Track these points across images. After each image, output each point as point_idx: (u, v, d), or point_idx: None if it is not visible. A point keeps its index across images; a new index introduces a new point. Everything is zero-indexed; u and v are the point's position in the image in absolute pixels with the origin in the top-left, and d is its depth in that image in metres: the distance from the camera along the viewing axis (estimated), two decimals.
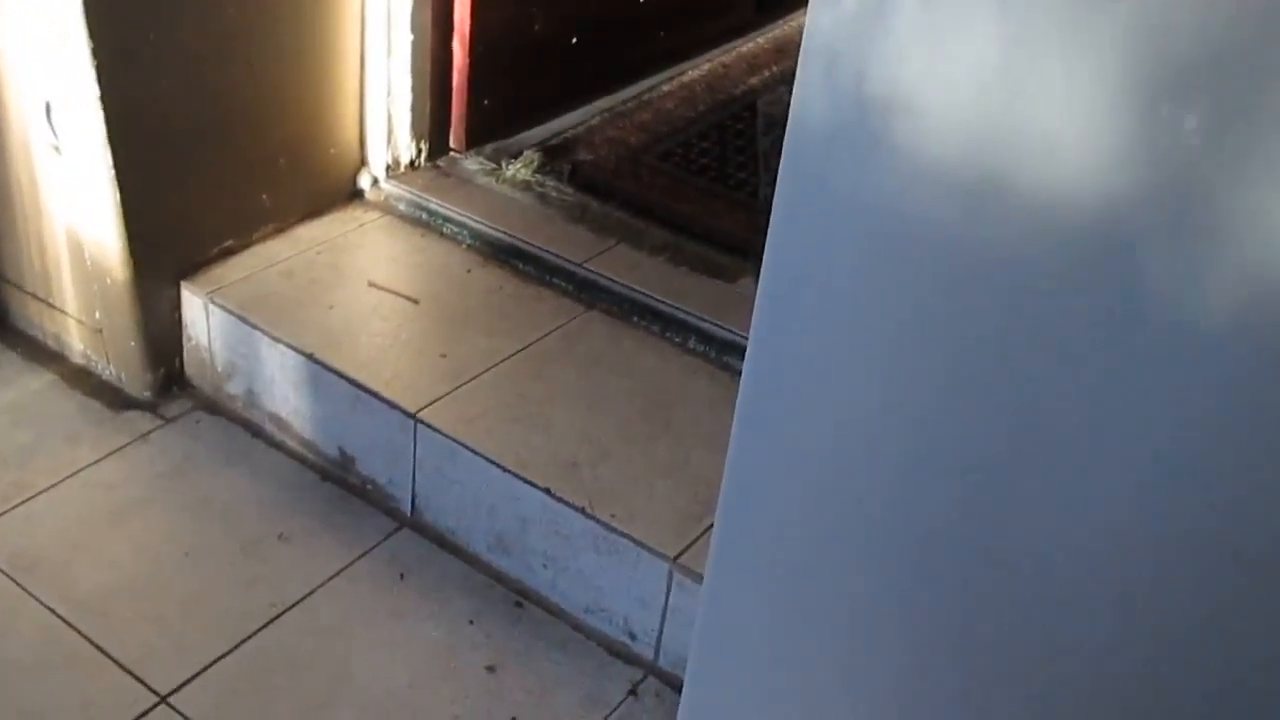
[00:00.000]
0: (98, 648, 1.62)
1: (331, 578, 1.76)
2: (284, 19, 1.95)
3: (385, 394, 1.81)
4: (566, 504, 1.66)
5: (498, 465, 1.71)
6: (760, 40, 2.95)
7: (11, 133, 1.93)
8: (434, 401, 1.80)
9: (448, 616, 1.72)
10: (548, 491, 1.67)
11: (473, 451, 1.73)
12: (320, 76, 2.06)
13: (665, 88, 2.67)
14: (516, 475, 1.70)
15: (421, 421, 1.77)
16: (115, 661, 1.61)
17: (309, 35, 2.00)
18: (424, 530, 1.85)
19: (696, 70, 2.77)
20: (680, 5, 2.76)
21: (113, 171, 1.81)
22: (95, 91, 1.75)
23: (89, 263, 1.94)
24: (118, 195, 1.83)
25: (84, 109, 1.78)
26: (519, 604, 1.75)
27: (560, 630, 1.72)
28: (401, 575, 1.77)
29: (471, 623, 1.72)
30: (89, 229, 1.90)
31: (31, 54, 1.81)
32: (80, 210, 1.89)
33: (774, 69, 2.80)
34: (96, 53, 1.72)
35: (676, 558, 1.59)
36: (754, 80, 2.76)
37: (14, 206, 2.01)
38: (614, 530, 1.63)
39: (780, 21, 3.03)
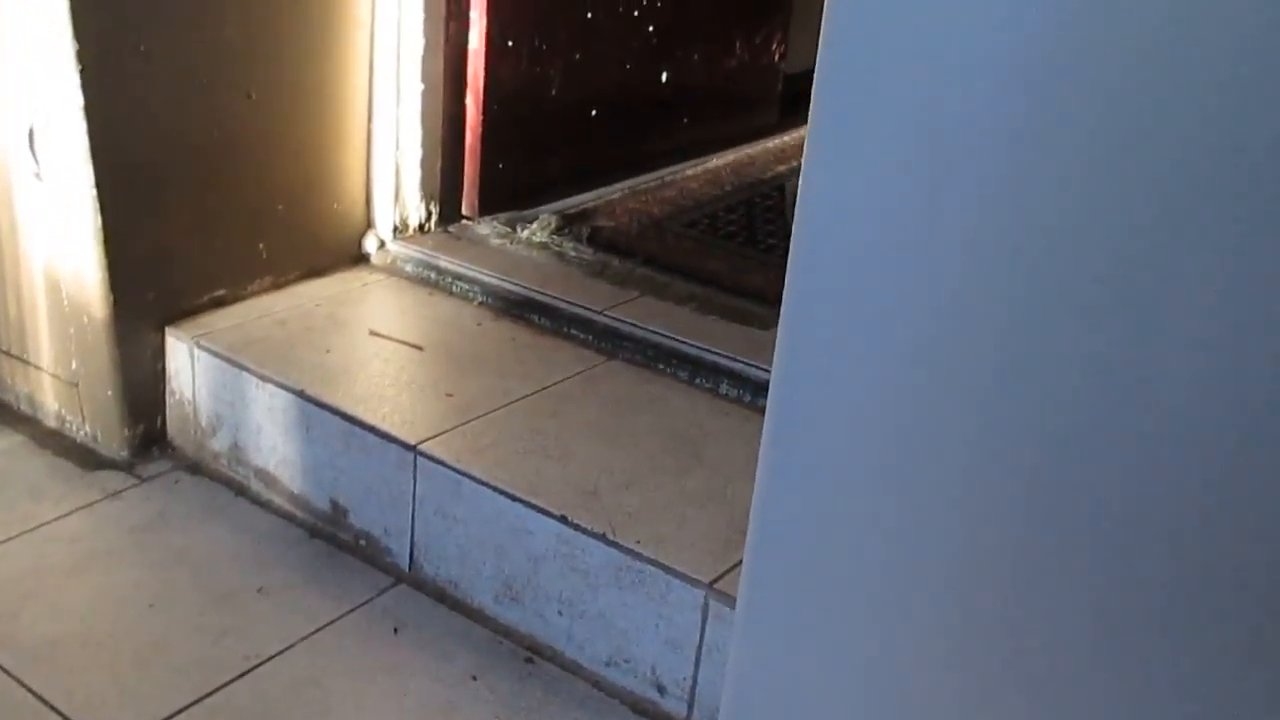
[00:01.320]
0: (39, 697, 1.39)
1: (315, 631, 1.53)
2: (286, 45, 1.84)
3: (382, 427, 1.62)
4: (585, 531, 1.45)
5: (507, 494, 1.50)
6: (785, 139, 2.85)
7: None
8: (437, 435, 1.61)
9: (448, 672, 1.48)
10: (563, 519, 1.46)
11: (478, 482, 1.53)
12: (324, 117, 1.94)
13: (689, 172, 2.56)
14: (528, 504, 1.49)
15: (422, 454, 1.58)
16: (57, 711, 1.37)
17: (313, 69, 1.89)
18: (423, 585, 1.62)
19: (721, 160, 2.66)
20: (705, 97, 2.67)
21: (94, 191, 1.67)
22: (79, 100, 1.63)
23: (66, 303, 1.78)
24: (99, 220, 1.69)
25: (67, 121, 1.65)
26: (530, 659, 1.52)
27: (577, 687, 1.48)
28: (395, 630, 1.55)
29: (475, 679, 1.48)
30: (68, 262, 1.75)
31: (15, 75, 1.70)
32: (59, 240, 1.75)
33: (801, 160, 2.68)
34: (81, 56, 1.60)
35: (713, 583, 1.37)
36: (781, 168, 2.64)
37: None
38: (640, 557, 1.41)
39: (806, 126, 2.92)
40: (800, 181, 0.87)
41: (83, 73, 1.61)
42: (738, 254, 2.16)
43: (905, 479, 0.87)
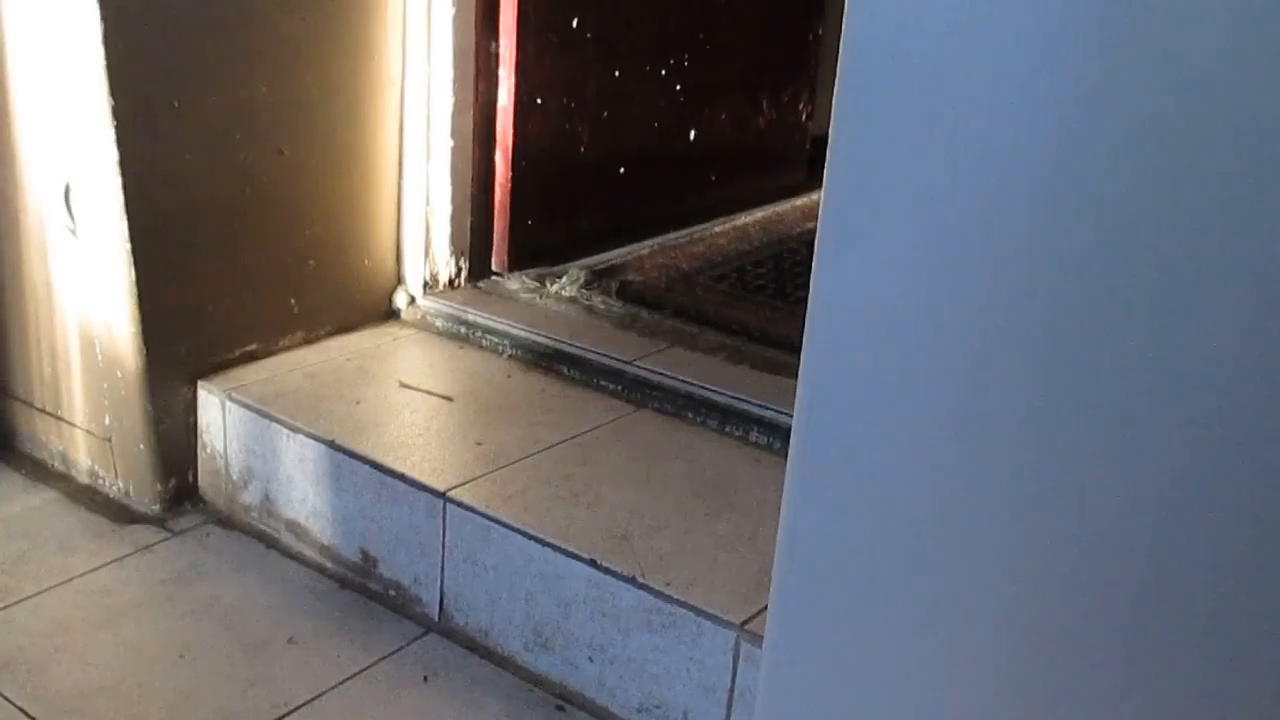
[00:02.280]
0: None
1: (345, 681, 1.52)
2: (317, 102, 1.87)
3: (412, 475, 1.61)
4: (615, 575, 1.43)
5: (536, 539, 1.50)
6: (813, 197, 2.85)
7: (28, 226, 1.83)
8: (466, 482, 1.60)
9: None
10: (593, 563, 1.45)
11: (508, 527, 1.52)
12: (355, 174, 1.96)
13: (717, 229, 2.57)
14: (558, 548, 1.48)
15: (452, 500, 1.57)
16: None
17: (344, 126, 1.92)
18: (453, 634, 1.61)
19: (749, 217, 2.67)
20: (732, 156, 2.68)
21: (128, 246, 1.69)
22: (114, 156, 1.65)
23: (100, 358, 1.80)
24: (132, 274, 1.71)
25: (101, 177, 1.68)
26: (560, 707, 1.50)
27: None
28: (425, 678, 1.53)
29: None
30: (100, 315, 1.77)
31: (51, 132, 1.73)
32: (92, 296, 1.77)
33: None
34: (117, 112, 1.63)
35: (745, 624, 1.35)
36: (810, 225, 2.64)
37: (26, 306, 1.89)
38: (670, 600, 1.39)
39: None
40: (818, 232, 0.88)
41: (118, 128, 1.64)
42: (767, 306, 2.16)
43: (926, 522, 0.88)
